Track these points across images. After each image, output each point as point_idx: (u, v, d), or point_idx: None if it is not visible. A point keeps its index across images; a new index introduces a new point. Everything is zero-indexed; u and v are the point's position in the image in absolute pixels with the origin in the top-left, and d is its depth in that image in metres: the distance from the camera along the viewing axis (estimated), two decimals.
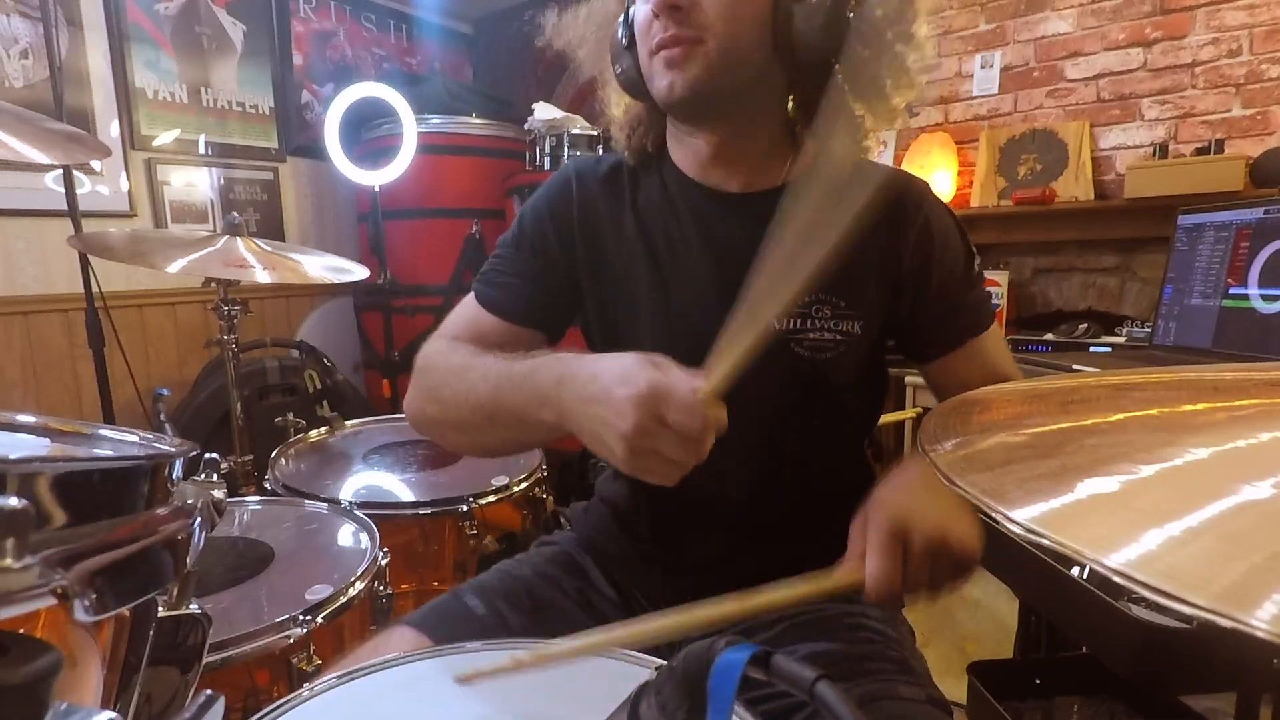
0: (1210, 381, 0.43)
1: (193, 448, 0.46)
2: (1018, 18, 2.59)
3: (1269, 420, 0.33)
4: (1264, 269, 1.36)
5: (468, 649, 0.61)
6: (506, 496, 1.30)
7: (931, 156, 2.70)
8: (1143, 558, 0.23)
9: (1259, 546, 0.23)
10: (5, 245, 2.26)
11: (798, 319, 0.74)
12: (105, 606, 0.34)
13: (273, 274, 1.41)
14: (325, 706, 0.54)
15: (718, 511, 0.79)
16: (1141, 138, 2.40)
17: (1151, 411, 0.36)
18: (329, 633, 0.90)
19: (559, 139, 2.57)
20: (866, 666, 0.68)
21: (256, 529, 1.11)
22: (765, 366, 0.75)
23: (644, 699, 0.40)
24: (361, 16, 3.36)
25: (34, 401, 2.34)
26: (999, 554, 1.04)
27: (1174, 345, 1.52)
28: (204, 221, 2.77)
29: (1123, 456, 0.31)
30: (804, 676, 0.36)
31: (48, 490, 0.32)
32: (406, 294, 2.72)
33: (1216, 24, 2.24)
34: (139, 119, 2.55)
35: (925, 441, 0.36)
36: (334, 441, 1.60)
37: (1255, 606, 0.20)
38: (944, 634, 1.84)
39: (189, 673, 0.49)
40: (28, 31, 2.24)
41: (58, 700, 0.29)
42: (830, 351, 0.75)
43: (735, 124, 0.75)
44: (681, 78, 0.68)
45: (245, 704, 0.85)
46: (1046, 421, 0.39)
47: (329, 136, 2.53)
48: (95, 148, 1.27)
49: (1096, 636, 0.90)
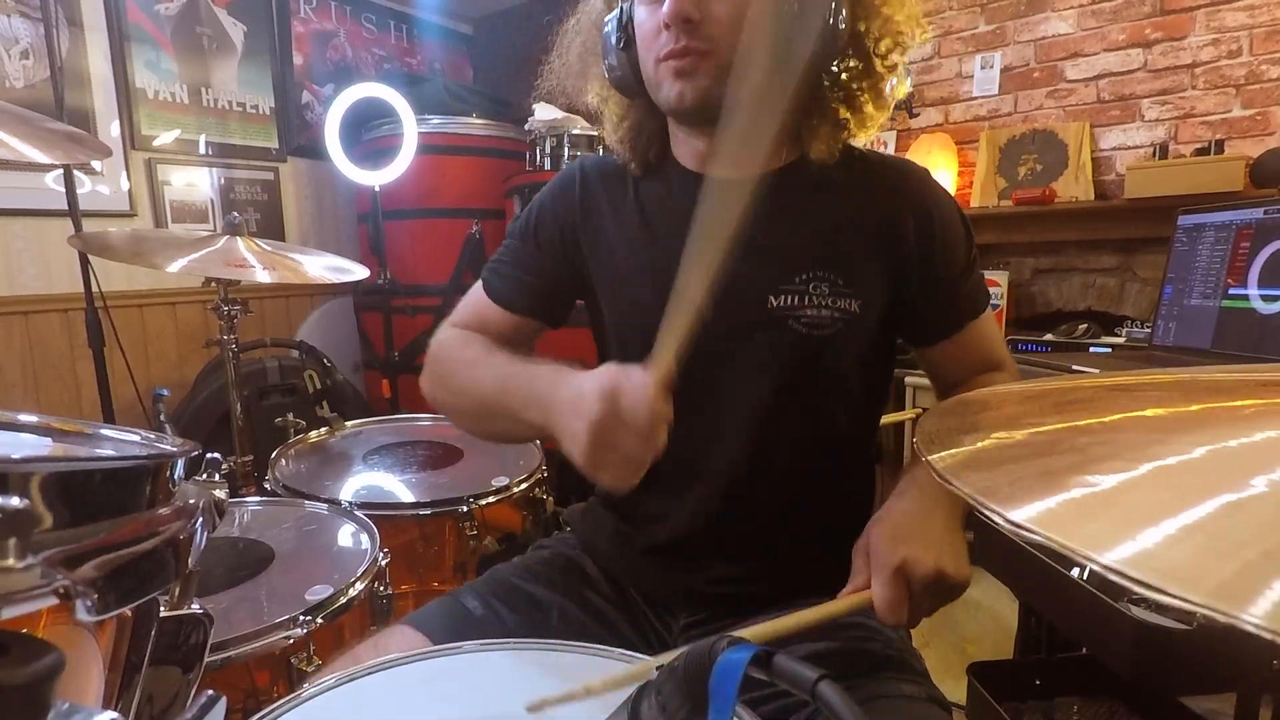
0: (1206, 383, 0.43)
1: (194, 447, 0.46)
2: (1018, 18, 2.59)
3: (1264, 420, 0.34)
4: (1264, 269, 1.36)
5: (465, 649, 0.61)
6: (506, 497, 1.30)
7: (932, 157, 2.70)
8: (1138, 555, 0.23)
9: (1254, 544, 0.23)
10: (5, 245, 2.26)
11: (794, 295, 0.75)
12: (107, 606, 0.34)
13: (273, 274, 1.41)
14: (325, 706, 0.54)
15: (716, 508, 0.79)
16: (1141, 138, 2.40)
17: (1147, 412, 0.37)
18: (329, 633, 0.90)
19: (559, 139, 2.57)
20: (867, 666, 0.69)
21: (256, 529, 1.11)
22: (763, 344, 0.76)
23: (645, 699, 0.40)
24: (362, 17, 3.36)
25: (34, 401, 2.34)
26: (999, 555, 1.04)
27: (1174, 346, 1.52)
28: (204, 221, 2.77)
29: (1118, 455, 0.31)
30: (806, 676, 0.36)
31: (50, 490, 0.32)
32: (406, 294, 2.71)
33: (1216, 25, 2.24)
34: (139, 119, 2.56)
35: (923, 442, 0.36)
36: (334, 442, 1.60)
37: (1250, 603, 0.20)
38: (944, 634, 1.84)
39: (190, 673, 0.49)
40: (28, 32, 2.24)
41: (59, 700, 0.29)
42: (828, 328, 0.75)
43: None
44: (692, 87, 0.71)
45: (245, 704, 0.85)
46: (1043, 422, 0.39)
47: (329, 137, 2.53)
48: (96, 148, 1.27)
49: (1096, 637, 0.90)
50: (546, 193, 0.88)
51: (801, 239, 0.77)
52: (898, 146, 2.84)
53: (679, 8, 0.68)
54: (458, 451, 1.51)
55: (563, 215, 0.85)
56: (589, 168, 0.87)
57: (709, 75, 0.70)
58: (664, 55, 0.72)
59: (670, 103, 0.74)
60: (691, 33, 0.69)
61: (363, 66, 3.36)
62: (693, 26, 0.69)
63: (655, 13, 0.72)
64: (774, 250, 0.76)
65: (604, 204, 0.84)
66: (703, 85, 0.71)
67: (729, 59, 0.69)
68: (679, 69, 0.71)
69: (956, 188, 2.71)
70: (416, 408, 1.95)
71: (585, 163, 0.88)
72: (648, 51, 0.74)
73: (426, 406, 2.03)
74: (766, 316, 0.75)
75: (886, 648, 0.72)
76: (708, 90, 0.71)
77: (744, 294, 0.75)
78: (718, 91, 0.70)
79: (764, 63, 0.72)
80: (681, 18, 0.68)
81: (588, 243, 0.84)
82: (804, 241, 0.77)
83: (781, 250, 0.76)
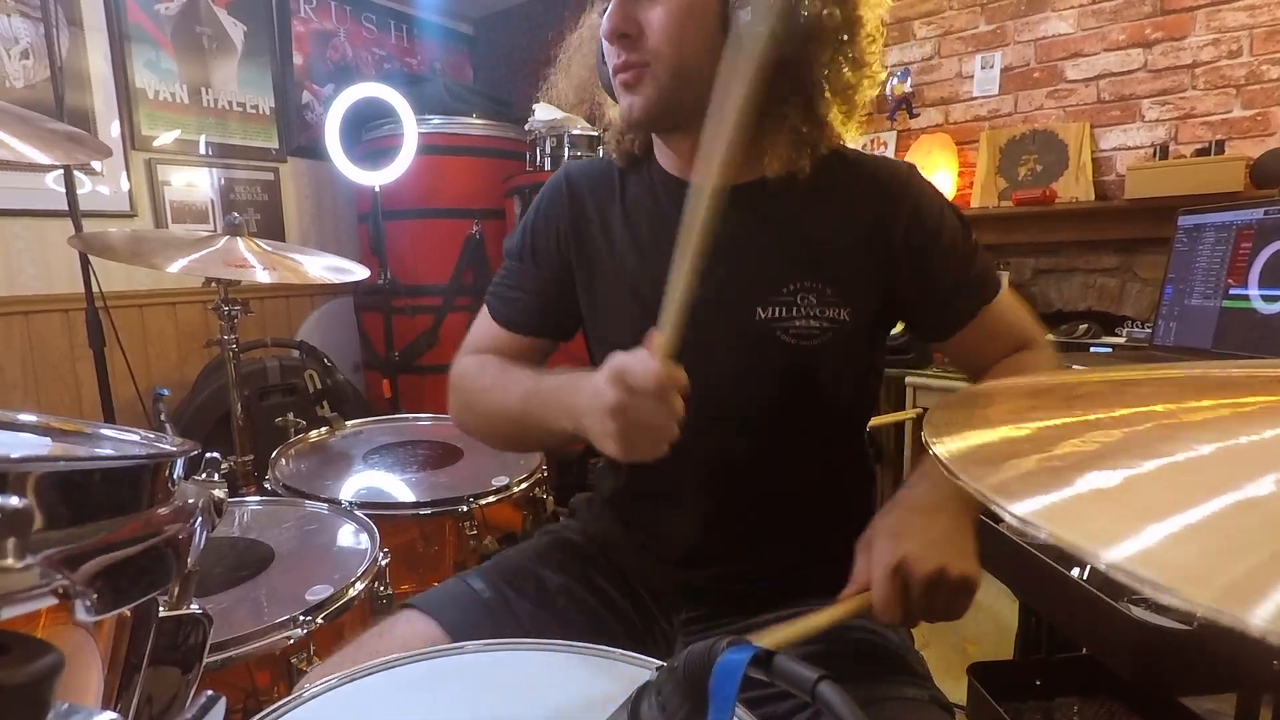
0: (1215, 378, 0.43)
1: (194, 447, 0.46)
2: (1018, 18, 2.59)
3: (1273, 417, 0.33)
4: (1264, 269, 1.36)
5: (466, 649, 0.61)
6: (506, 497, 1.30)
7: (932, 157, 2.70)
8: (1143, 553, 0.23)
9: (1262, 544, 0.23)
10: (5, 245, 2.26)
11: (782, 306, 0.75)
12: (106, 606, 0.34)
13: (273, 274, 1.41)
14: (325, 706, 0.54)
15: (710, 503, 0.79)
16: (1142, 138, 2.40)
17: (1155, 407, 0.36)
18: (329, 633, 0.90)
19: (559, 139, 2.57)
20: (869, 667, 0.69)
21: (256, 529, 1.11)
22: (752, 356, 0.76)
23: (645, 699, 0.40)
24: (362, 16, 3.36)
25: (34, 401, 2.34)
26: (1000, 554, 1.04)
27: (1174, 346, 1.52)
28: (204, 221, 2.77)
29: (1126, 451, 0.31)
30: (806, 677, 0.36)
31: (49, 490, 0.32)
32: (406, 294, 2.71)
33: (1217, 25, 2.24)
34: (139, 119, 2.55)
35: (930, 435, 0.35)
36: (334, 442, 1.60)
37: (1255, 605, 0.20)
38: (944, 635, 1.84)
39: (190, 673, 0.48)
40: (28, 32, 2.24)
41: (59, 700, 0.29)
42: (817, 339, 0.75)
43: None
44: (637, 100, 0.72)
45: (245, 704, 0.85)
46: (1050, 416, 0.39)
47: (329, 137, 2.53)
48: (96, 148, 1.27)
49: (1097, 637, 0.90)
50: (536, 208, 0.88)
51: (788, 248, 0.77)
52: (898, 146, 2.84)
53: (612, 25, 0.70)
54: (458, 451, 1.51)
55: (555, 226, 0.85)
56: (574, 174, 0.88)
57: (653, 86, 0.71)
58: (613, 70, 0.73)
59: (624, 115, 0.75)
60: (629, 47, 0.71)
61: (363, 66, 3.36)
62: (629, 41, 0.70)
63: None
64: (761, 261, 0.76)
65: (591, 209, 0.84)
66: (648, 96, 0.72)
67: (671, 69, 0.70)
68: (624, 82, 0.73)
69: (957, 188, 2.71)
70: (416, 407, 1.95)
71: (570, 170, 0.88)
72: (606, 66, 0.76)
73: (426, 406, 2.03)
74: (754, 328, 0.75)
75: (889, 649, 0.72)
76: (651, 101, 0.72)
77: (732, 306, 0.75)
78: (664, 102, 0.72)
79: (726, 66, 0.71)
80: (617, 34, 0.70)
81: (576, 248, 0.84)
82: (791, 251, 0.76)
83: (768, 261, 0.76)
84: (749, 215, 0.77)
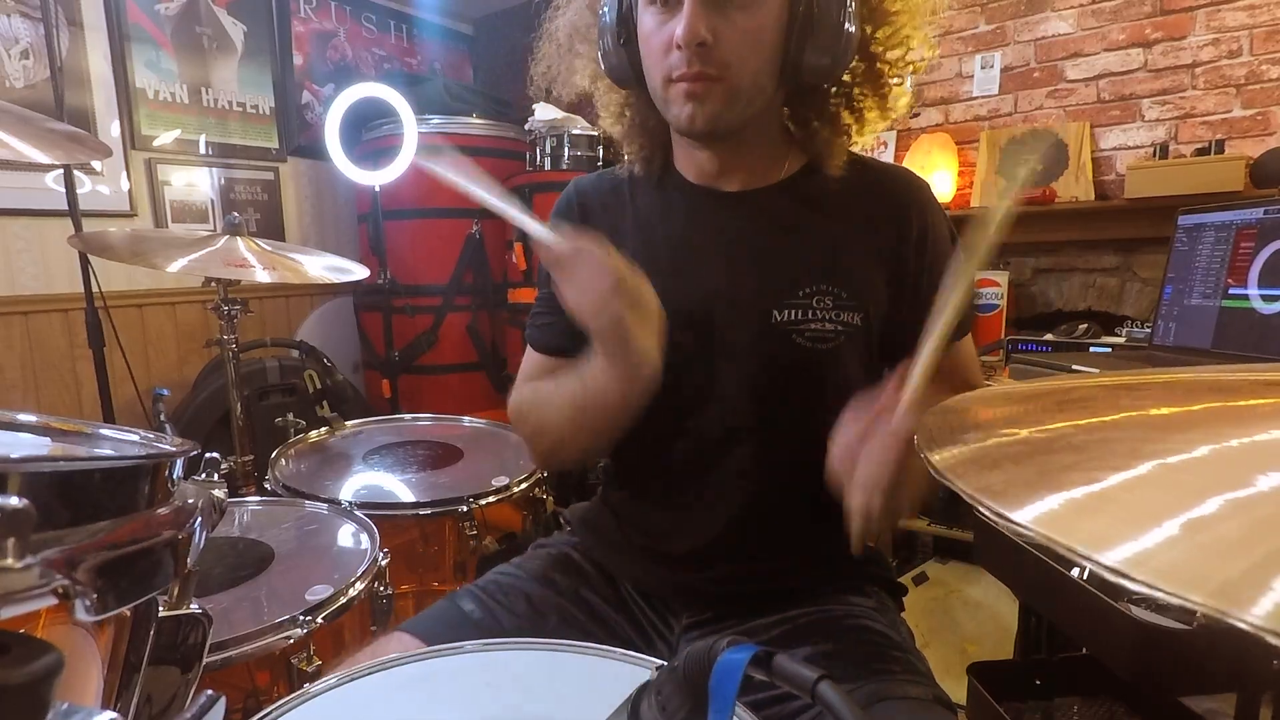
0: (1208, 382, 0.43)
1: (194, 447, 0.46)
2: (1018, 18, 2.58)
3: (1267, 419, 0.34)
4: (1264, 269, 1.36)
5: (465, 649, 0.61)
6: (506, 497, 1.30)
7: (932, 157, 2.70)
8: (1140, 555, 0.23)
9: (1257, 543, 0.23)
10: (5, 245, 2.26)
11: (798, 309, 0.75)
12: (106, 606, 0.34)
13: (273, 274, 1.41)
14: (325, 708, 0.54)
15: (718, 507, 0.79)
16: (1142, 138, 2.40)
17: (1149, 411, 0.36)
18: (329, 633, 0.90)
19: (559, 139, 2.57)
20: (871, 667, 0.69)
21: (256, 529, 1.11)
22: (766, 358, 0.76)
23: (645, 699, 0.40)
24: (362, 17, 3.36)
25: (34, 401, 2.34)
26: (999, 555, 1.04)
27: (1174, 345, 1.52)
28: (204, 221, 2.77)
29: (1120, 454, 0.31)
30: (806, 677, 0.36)
31: (49, 490, 0.32)
32: (406, 294, 2.71)
33: (1217, 25, 2.24)
34: (139, 119, 2.55)
35: (923, 440, 0.36)
36: (334, 442, 1.60)
37: (1253, 604, 0.20)
38: (944, 635, 1.84)
39: (189, 673, 0.49)
40: (28, 31, 2.24)
41: (58, 700, 0.29)
42: (831, 342, 0.75)
43: (741, 139, 0.77)
44: (702, 111, 0.70)
45: (245, 704, 0.85)
46: (1045, 420, 0.39)
47: (329, 137, 2.53)
48: (96, 148, 1.27)
49: (1096, 637, 0.90)
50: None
51: (805, 251, 0.77)
52: (898, 146, 2.84)
53: (693, 32, 0.66)
54: (458, 451, 1.51)
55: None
56: (583, 187, 0.88)
57: (721, 100, 0.70)
58: (675, 77, 0.70)
59: (680, 124, 0.73)
60: (705, 57, 0.68)
61: (363, 66, 3.36)
62: (706, 51, 0.67)
63: (664, 26, 0.70)
64: (777, 263, 0.76)
65: (601, 223, 0.84)
66: (715, 109, 0.70)
67: (741, 83, 0.69)
68: (690, 92, 0.70)
69: (957, 188, 2.71)
70: (416, 408, 1.95)
71: (580, 184, 0.88)
72: (655, 66, 0.72)
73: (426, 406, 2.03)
74: (769, 331, 0.75)
75: (890, 649, 0.72)
76: (719, 114, 0.70)
77: (747, 308, 0.75)
78: (729, 116, 0.71)
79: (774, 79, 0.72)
80: (696, 41, 0.67)
81: None
82: (807, 254, 0.76)
83: (785, 263, 0.76)
84: (767, 218, 0.78)
